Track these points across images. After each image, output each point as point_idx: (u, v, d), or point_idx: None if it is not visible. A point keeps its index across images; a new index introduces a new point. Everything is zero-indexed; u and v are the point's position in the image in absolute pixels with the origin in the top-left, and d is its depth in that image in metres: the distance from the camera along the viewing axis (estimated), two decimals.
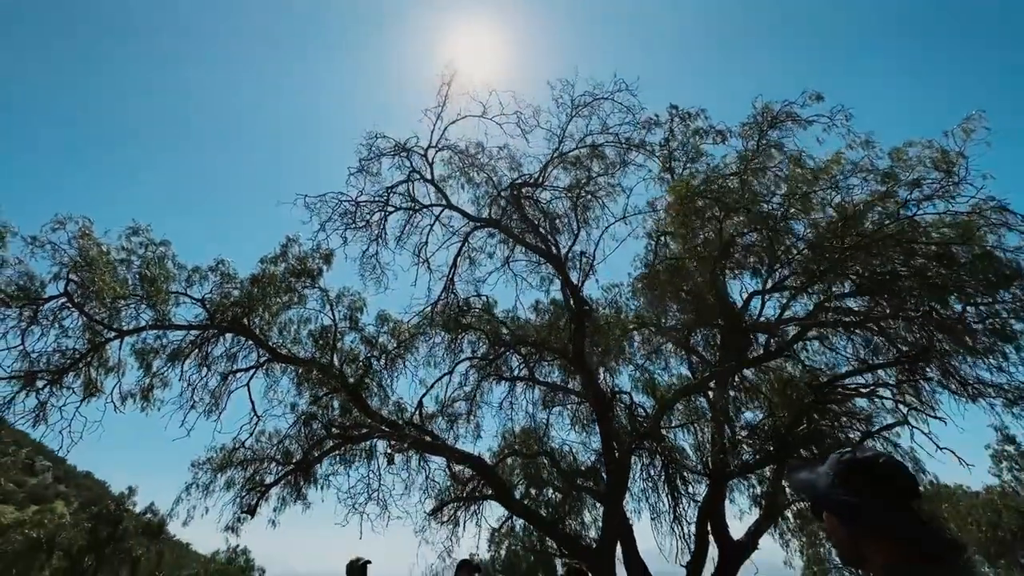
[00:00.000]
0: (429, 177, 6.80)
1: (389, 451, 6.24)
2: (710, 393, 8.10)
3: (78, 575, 14.75)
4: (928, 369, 7.15)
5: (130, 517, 15.95)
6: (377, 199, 6.66)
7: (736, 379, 8.53)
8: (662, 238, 8.28)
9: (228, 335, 6.02)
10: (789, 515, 9.13)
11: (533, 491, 10.79)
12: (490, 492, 7.17)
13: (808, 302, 7.36)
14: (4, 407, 5.11)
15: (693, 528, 7.97)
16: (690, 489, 9.16)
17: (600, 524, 8.55)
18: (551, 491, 10.79)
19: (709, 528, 7.75)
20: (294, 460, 6.66)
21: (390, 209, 6.74)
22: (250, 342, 6.01)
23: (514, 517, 8.56)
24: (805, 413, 6.34)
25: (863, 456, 1.48)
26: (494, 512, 8.90)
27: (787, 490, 8.10)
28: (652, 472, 10.19)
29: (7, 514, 23.80)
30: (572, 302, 7.26)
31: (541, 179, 7.14)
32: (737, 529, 8.14)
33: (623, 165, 8.42)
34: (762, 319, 7.96)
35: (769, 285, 7.26)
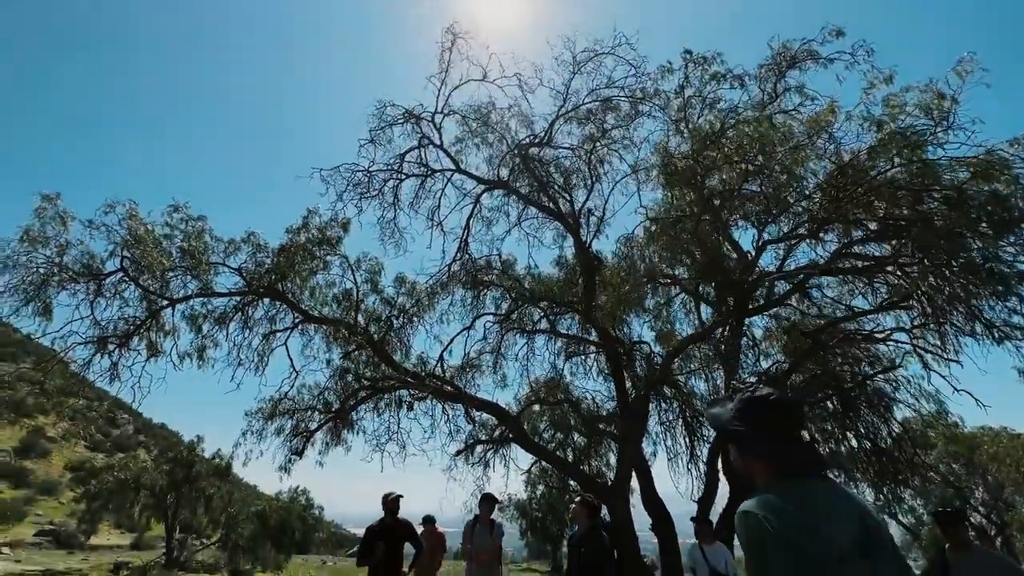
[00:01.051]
0: (438, 142, 7.00)
1: (409, 399, 6.86)
2: (722, 343, 8.29)
3: (162, 510, 16.86)
4: (954, 312, 7.07)
5: (201, 461, 17.78)
6: (389, 167, 6.95)
7: (748, 325, 8.68)
8: (674, 188, 8.26)
9: (265, 300, 6.64)
10: None
11: (559, 435, 11.46)
12: (510, 435, 7.77)
13: (821, 250, 7.31)
14: (84, 367, 5.94)
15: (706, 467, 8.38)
16: (705, 432, 9.56)
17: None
18: (575, 436, 11.44)
19: (720, 467, 8.15)
20: (333, 409, 7.41)
21: (402, 176, 7.02)
22: (285, 306, 6.63)
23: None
24: (805, 359, 6.47)
25: (759, 394, 1.80)
26: (525, 455, 9.57)
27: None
28: (670, 416, 10.63)
29: (98, 460, 26.91)
30: (582, 258, 7.47)
31: (548, 138, 7.20)
32: None
33: (635, 116, 8.32)
34: (772, 268, 7.98)
35: (775, 235, 7.24)
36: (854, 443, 8.85)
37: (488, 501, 5.75)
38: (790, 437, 1.64)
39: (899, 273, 7.11)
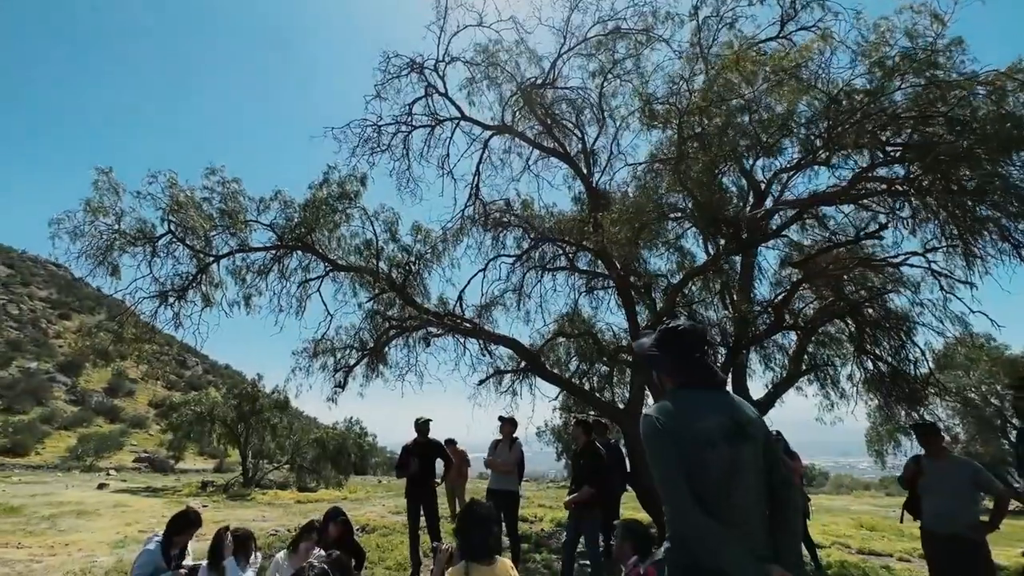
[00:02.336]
0: (443, 91, 7.13)
1: (427, 336, 7.56)
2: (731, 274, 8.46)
3: (235, 438, 19.10)
4: (985, 232, 6.96)
5: (263, 396, 19.74)
6: (397, 120, 7.19)
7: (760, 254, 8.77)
8: (685, 117, 8.11)
9: (297, 252, 7.29)
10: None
11: (583, 366, 12.14)
12: (528, 367, 8.44)
13: (836, 178, 7.18)
14: (151, 318, 6.87)
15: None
16: (718, 360, 9.98)
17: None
18: (599, 365, 12.08)
19: (730, 389, 8.62)
20: (368, 347, 8.24)
21: (411, 127, 7.25)
22: (315, 257, 7.26)
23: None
24: (796, 289, 6.63)
25: (670, 326, 2.24)
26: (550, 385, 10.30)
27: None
28: None
29: (176, 397, 30.15)
30: (592, 197, 7.63)
31: (553, 78, 7.18)
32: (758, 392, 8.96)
33: (647, 43, 8.06)
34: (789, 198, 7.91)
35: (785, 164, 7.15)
36: (870, 365, 9.07)
37: (506, 422, 6.53)
38: (690, 358, 2.07)
39: (915, 196, 6.99)
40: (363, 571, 4.98)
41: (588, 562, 5.52)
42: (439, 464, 6.76)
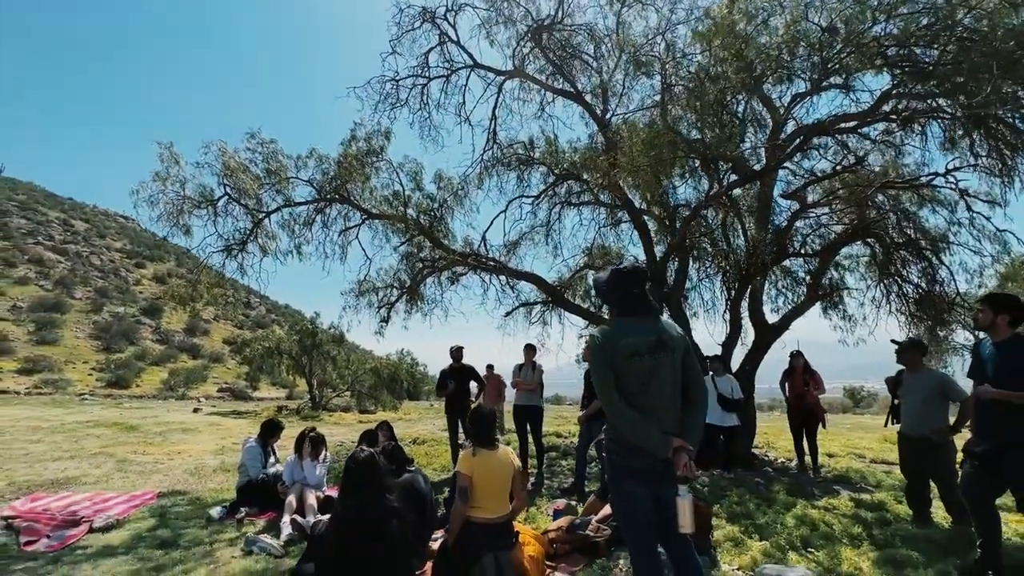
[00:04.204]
0: (455, 39, 7.30)
1: (453, 275, 8.31)
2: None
3: (300, 369, 21.35)
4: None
5: (322, 332, 21.71)
6: (413, 74, 7.48)
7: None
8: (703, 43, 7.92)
9: (335, 204, 8.05)
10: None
11: None
12: (550, 300, 9.10)
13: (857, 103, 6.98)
14: (221, 267, 7.97)
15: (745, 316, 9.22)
16: (735, 284, 10.24)
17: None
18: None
19: (746, 314, 9.01)
20: (406, 285, 9.13)
21: (426, 79, 7.52)
22: (351, 207, 8.00)
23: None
24: (796, 218, 6.76)
25: (620, 266, 2.82)
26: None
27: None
28: (710, 273, 11.34)
29: (246, 335, 33.32)
30: (605, 134, 7.78)
31: (560, 16, 7.18)
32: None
33: None
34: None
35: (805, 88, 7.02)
36: (897, 288, 9.13)
37: (529, 349, 7.37)
38: (629, 294, 2.67)
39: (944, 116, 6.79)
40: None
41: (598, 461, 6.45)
42: (473, 385, 7.77)
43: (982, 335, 3.91)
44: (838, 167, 7.15)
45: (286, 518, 4.41)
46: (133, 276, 54.66)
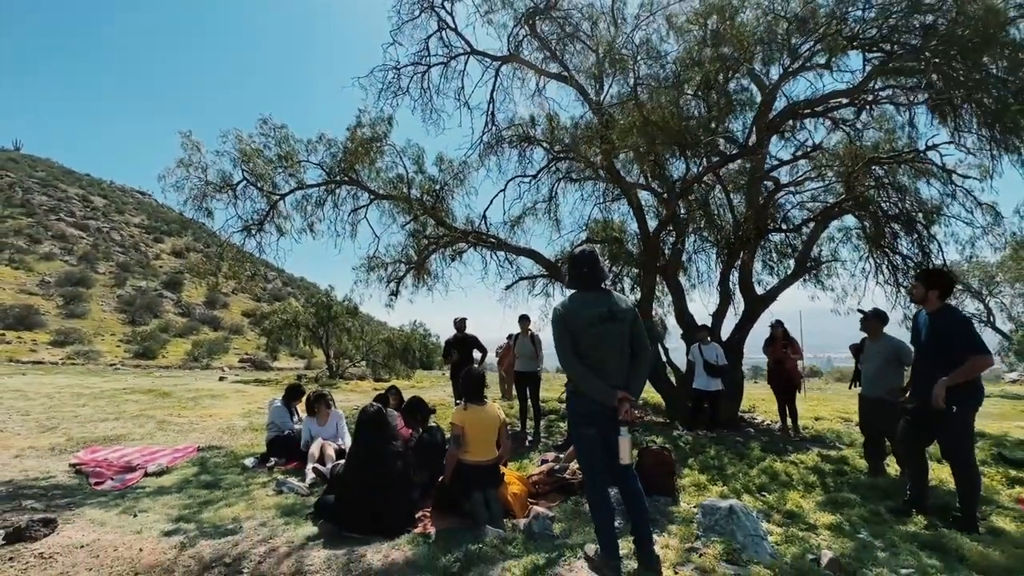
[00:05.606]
0: (453, 26, 7.58)
1: (454, 252, 8.85)
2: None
3: (317, 339, 22.30)
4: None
5: (336, 304, 22.54)
6: (413, 62, 7.81)
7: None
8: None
9: (344, 185, 8.56)
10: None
11: (615, 268, 13.16)
12: (548, 274, 9.59)
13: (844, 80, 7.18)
14: (242, 244, 8.59)
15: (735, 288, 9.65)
16: (726, 257, 10.60)
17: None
18: (630, 268, 13.02)
19: (737, 285, 9.42)
20: (413, 261, 9.69)
21: (426, 67, 7.84)
22: (359, 189, 8.50)
23: None
24: (773, 195, 7.08)
25: (577, 249, 3.34)
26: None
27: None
28: (705, 247, 11.73)
29: (264, 307, 34.47)
30: (598, 115, 8.04)
31: (553, 1, 7.40)
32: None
33: None
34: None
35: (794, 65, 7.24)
36: (887, 259, 9.45)
37: (523, 319, 7.94)
38: (581, 272, 3.18)
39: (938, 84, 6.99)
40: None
41: None
42: (477, 354, 8.39)
43: (919, 307, 4.36)
44: (821, 143, 7.42)
45: (309, 466, 5.13)
46: (152, 251, 56.08)
